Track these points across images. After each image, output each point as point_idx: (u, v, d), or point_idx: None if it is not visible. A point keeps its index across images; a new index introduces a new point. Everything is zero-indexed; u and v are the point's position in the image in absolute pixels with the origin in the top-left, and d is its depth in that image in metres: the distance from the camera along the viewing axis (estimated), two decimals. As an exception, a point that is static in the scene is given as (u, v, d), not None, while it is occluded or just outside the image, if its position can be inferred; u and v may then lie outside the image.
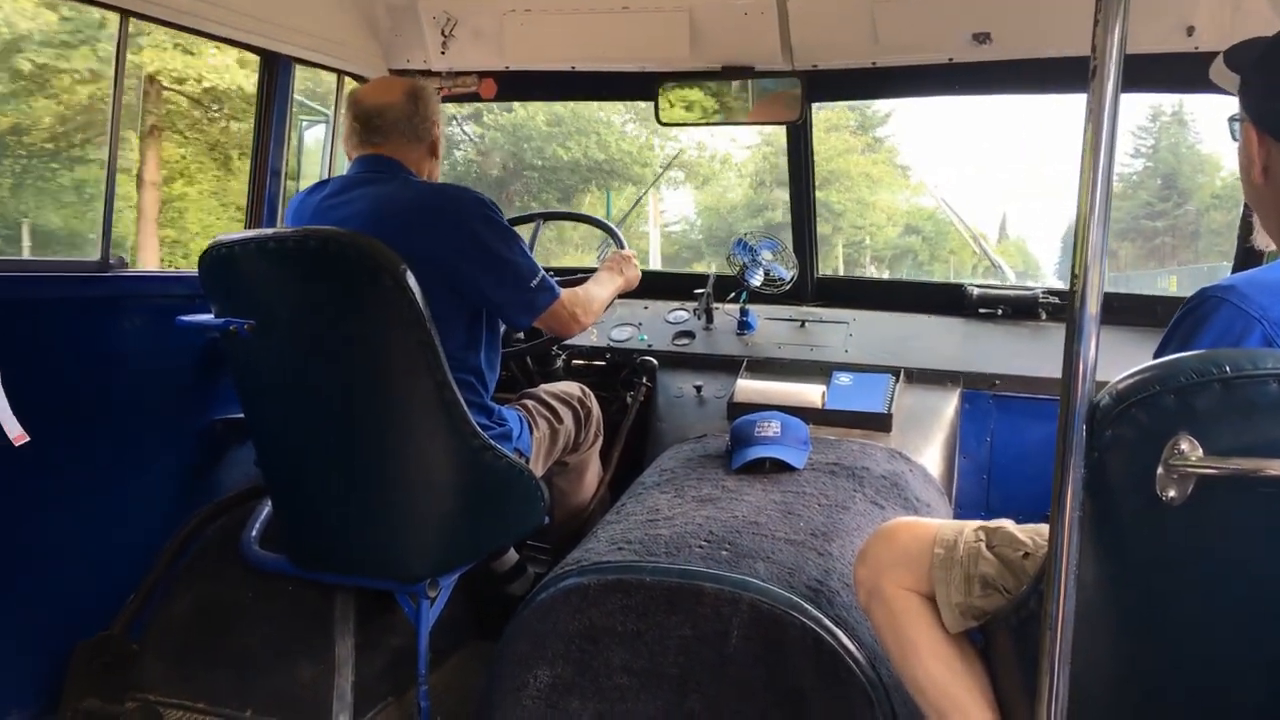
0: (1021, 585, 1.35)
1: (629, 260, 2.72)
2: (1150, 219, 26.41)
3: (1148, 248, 26.52)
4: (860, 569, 1.57)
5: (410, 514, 2.07)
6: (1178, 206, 26.32)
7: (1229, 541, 1.03)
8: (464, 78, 3.30)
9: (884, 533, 1.59)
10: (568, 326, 2.37)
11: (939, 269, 24.89)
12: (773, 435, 2.41)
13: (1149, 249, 26.35)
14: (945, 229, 23.78)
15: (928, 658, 1.46)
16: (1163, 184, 26.98)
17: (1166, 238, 26.26)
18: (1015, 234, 29.63)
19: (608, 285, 2.59)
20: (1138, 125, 26.92)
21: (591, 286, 2.51)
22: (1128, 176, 27.36)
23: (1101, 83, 1.01)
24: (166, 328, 2.26)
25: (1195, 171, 26.10)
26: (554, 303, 2.26)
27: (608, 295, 2.57)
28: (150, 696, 2.23)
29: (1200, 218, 24.46)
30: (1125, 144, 26.73)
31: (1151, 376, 1.01)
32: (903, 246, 26.03)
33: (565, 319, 2.33)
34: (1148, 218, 26.39)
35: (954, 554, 1.46)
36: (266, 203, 2.83)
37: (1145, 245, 26.43)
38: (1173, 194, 26.65)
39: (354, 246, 1.87)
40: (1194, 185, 25.51)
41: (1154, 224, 26.40)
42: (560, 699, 1.71)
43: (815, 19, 2.87)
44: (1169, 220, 26.39)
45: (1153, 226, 26.42)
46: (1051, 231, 35.36)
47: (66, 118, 12.62)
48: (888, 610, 1.51)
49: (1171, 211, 26.42)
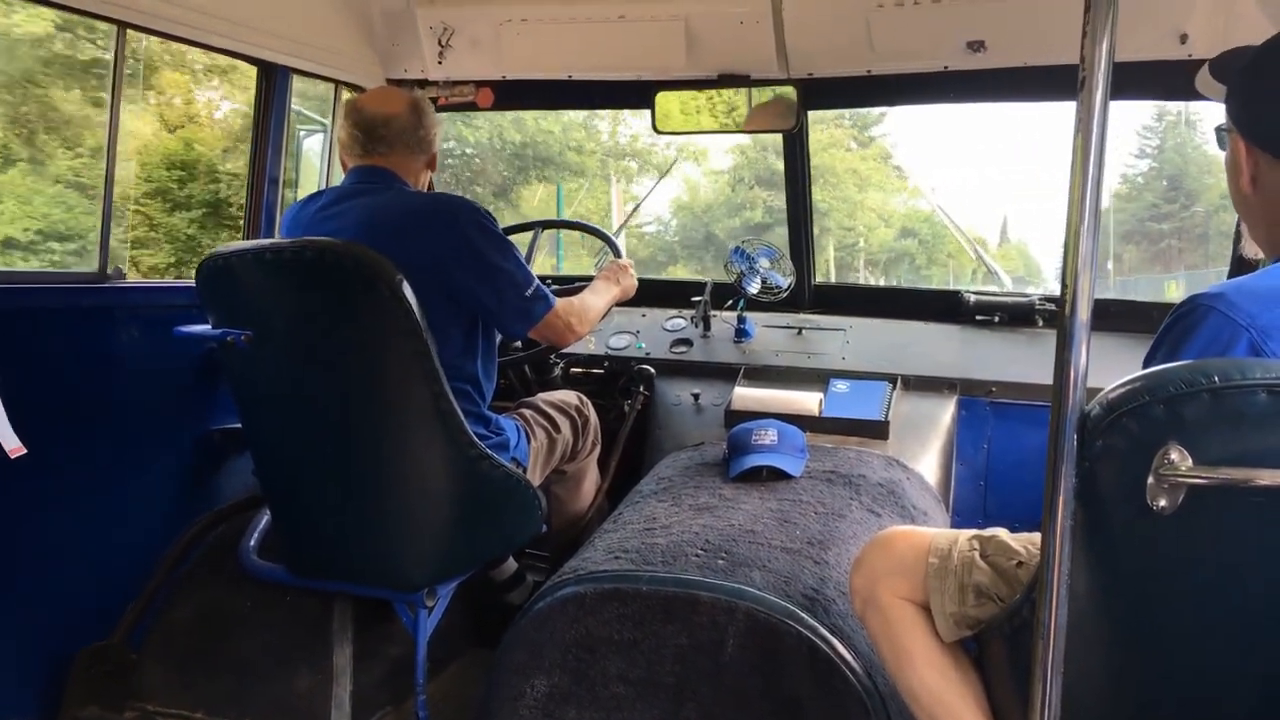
0: (1015, 594, 1.35)
1: (625, 270, 2.72)
2: (1155, 221, 25.61)
3: (1152, 251, 25.74)
4: (855, 578, 1.58)
5: (407, 523, 2.07)
6: (1184, 209, 25.49)
7: (1219, 551, 1.03)
8: (461, 87, 3.31)
9: (879, 542, 1.59)
10: (563, 336, 2.37)
11: (937, 273, 24.46)
12: (770, 443, 2.42)
13: (1154, 252, 25.59)
14: (942, 232, 23.31)
15: (922, 666, 1.46)
16: (1169, 185, 26.17)
17: (1172, 240, 25.54)
18: (1016, 237, 28.87)
19: (603, 295, 2.59)
20: (1143, 125, 26.08)
21: (587, 296, 2.52)
22: (1132, 178, 26.67)
23: (1090, 92, 1.02)
24: (164, 338, 2.27)
25: (1202, 173, 25.32)
26: (549, 312, 2.26)
27: (604, 305, 2.58)
28: (149, 705, 2.24)
29: (1210, 219, 23.73)
30: (1130, 144, 25.84)
31: (1141, 386, 1.02)
32: (899, 250, 25.58)
33: (560, 329, 2.33)
34: (1153, 220, 25.60)
35: (948, 563, 1.46)
36: (264, 212, 2.84)
37: (1150, 248, 25.71)
38: (1179, 195, 25.79)
39: (350, 256, 1.88)
40: (1201, 186, 24.57)
41: (1159, 226, 25.56)
42: (557, 708, 1.71)
43: (811, 27, 2.88)
44: (1175, 223, 25.54)
45: (1158, 229, 25.59)
46: (1054, 235, 34.86)
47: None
48: (883, 619, 1.52)
49: (1178, 214, 25.58)
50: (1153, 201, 26.30)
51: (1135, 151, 26.57)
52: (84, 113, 11.53)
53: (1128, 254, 25.69)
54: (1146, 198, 26.47)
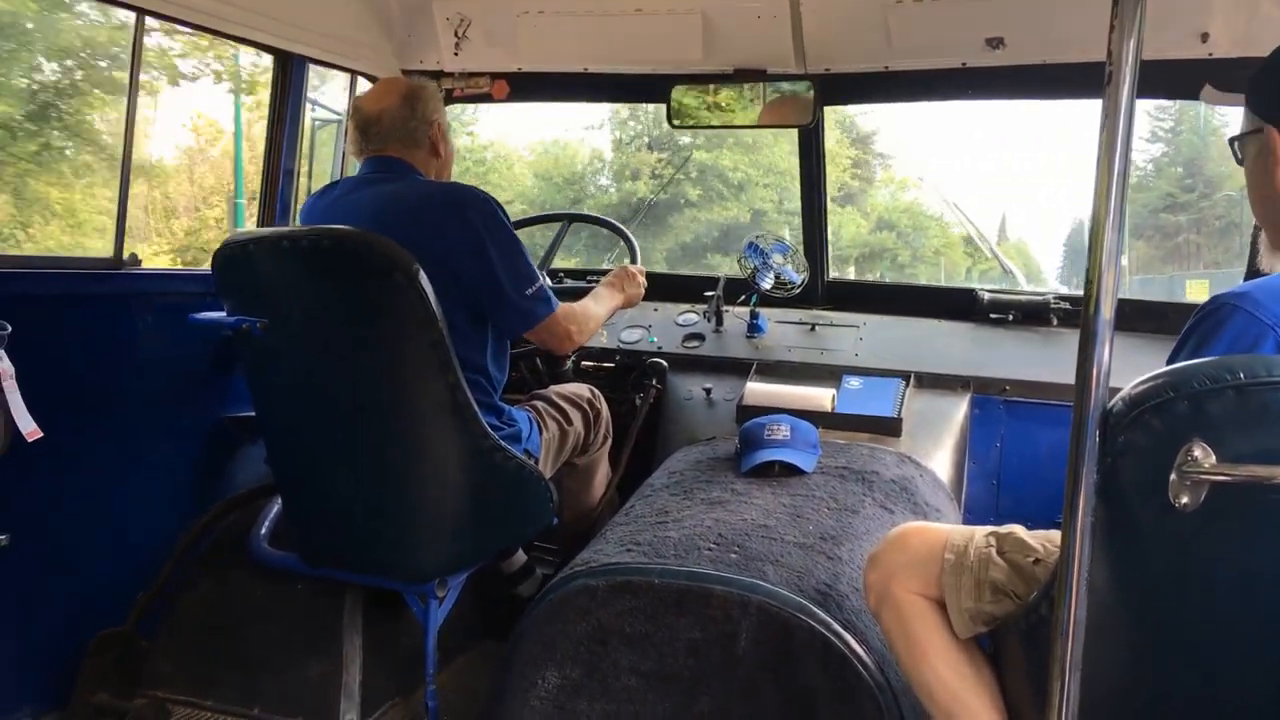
0: (1032, 591, 1.35)
1: (634, 278, 2.70)
2: (1170, 213, 22.79)
3: (1167, 246, 23.32)
4: (870, 574, 1.57)
5: (419, 513, 2.07)
6: (1204, 198, 22.63)
7: (1241, 548, 1.03)
8: (476, 79, 3.30)
9: (894, 538, 1.59)
10: (561, 343, 2.34)
11: (924, 271, 21.97)
12: (782, 438, 2.41)
13: (1170, 248, 23.21)
14: (923, 224, 21.44)
15: (937, 662, 1.46)
16: (1185, 172, 23.37)
17: (1191, 234, 22.77)
18: (1015, 236, 26.87)
19: (606, 303, 2.57)
20: (1156, 105, 23.24)
21: (589, 303, 2.49)
22: (1142, 165, 23.41)
23: (1117, 88, 1.01)
24: (179, 325, 2.28)
25: (1225, 156, 22.20)
26: (549, 316, 2.24)
27: (605, 313, 2.56)
28: (159, 693, 2.24)
29: (1233, 209, 21.35)
30: (1142, 126, 22.79)
31: (1165, 382, 1.01)
32: (874, 245, 22.45)
33: (559, 334, 2.30)
34: (1168, 211, 22.81)
35: (964, 559, 1.46)
36: (279, 201, 2.85)
37: (1165, 243, 23.23)
38: (1198, 184, 22.88)
39: (367, 245, 1.88)
40: (1221, 174, 21.40)
41: (1176, 219, 22.75)
42: (569, 700, 1.71)
43: (828, 23, 2.86)
44: (1193, 214, 22.63)
45: (1174, 221, 22.80)
46: (1048, 233, 33.60)
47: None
48: (897, 615, 1.51)
49: (1196, 203, 22.73)
50: (1168, 190, 23.56)
51: (1146, 135, 23.26)
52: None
53: (1136, 249, 23.02)
54: (1161, 186, 23.71)
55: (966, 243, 18.82)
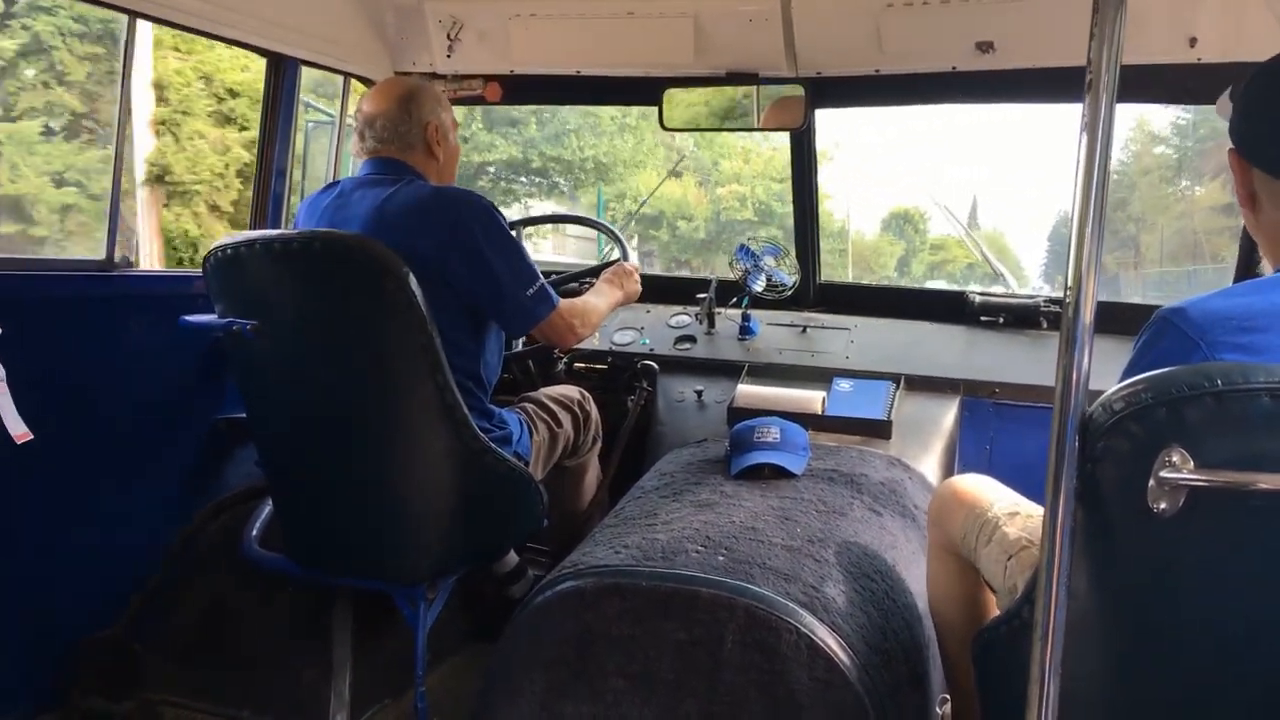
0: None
1: (631, 275, 2.72)
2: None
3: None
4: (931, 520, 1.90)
5: (409, 516, 2.07)
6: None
7: (1220, 554, 1.03)
8: (469, 81, 3.31)
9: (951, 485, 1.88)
10: (564, 337, 2.37)
11: None
12: (772, 441, 2.41)
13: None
14: (835, 228, 20.34)
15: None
16: None
17: None
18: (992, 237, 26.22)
19: (607, 298, 2.59)
20: None
21: (590, 298, 2.52)
22: None
23: (1097, 95, 1.02)
24: (170, 327, 2.28)
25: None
26: (552, 312, 2.26)
27: (606, 308, 2.58)
28: (150, 695, 2.25)
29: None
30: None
31: (1144, 389, 1.02)
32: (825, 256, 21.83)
33: (563, 329, 2.33)
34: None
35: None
36: (271, 203, 2.85)
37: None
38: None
39: (358, 249, 1.88)
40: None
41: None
42: (555, 702, 1.71)
43: (820, 27, 2.88)
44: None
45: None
46: (1023, 236, 33.11)
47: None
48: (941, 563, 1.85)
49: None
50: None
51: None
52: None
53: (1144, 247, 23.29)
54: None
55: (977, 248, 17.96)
